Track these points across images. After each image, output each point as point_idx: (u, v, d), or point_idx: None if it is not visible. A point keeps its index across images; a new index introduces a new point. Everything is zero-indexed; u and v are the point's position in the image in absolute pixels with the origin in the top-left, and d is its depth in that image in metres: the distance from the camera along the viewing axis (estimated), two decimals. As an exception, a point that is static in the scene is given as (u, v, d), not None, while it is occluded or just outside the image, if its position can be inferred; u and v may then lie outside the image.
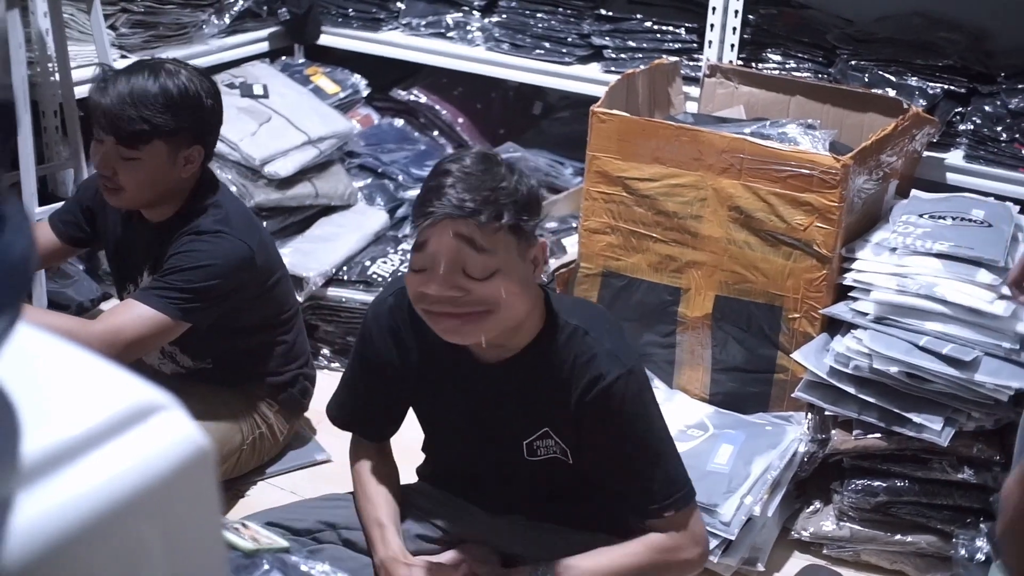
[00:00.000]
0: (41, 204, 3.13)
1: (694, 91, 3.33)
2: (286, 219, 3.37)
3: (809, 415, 2.67)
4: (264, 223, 3.26)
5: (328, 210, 3.49)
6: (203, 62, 3.72)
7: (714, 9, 3.34)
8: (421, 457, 2.31)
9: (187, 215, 2.51)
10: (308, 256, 3.23)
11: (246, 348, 2.68)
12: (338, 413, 2.25)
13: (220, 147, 3.30)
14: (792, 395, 2.64)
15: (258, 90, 3.53)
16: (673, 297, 2.81)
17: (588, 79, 3.57)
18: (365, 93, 3.98)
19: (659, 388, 2.86)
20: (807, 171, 2.56)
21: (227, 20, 3.91)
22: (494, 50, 3.75)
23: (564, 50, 3.64)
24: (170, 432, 0.78)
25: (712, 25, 3.36)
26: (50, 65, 3.35)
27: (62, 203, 2.91)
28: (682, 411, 2.77)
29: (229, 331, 2.60)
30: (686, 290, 2.79)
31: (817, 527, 2.60)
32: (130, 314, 2.37)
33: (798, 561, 2.58)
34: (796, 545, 2.62)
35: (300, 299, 3.13)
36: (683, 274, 2.78)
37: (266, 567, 1.65)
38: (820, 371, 2.55)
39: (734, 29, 3.36)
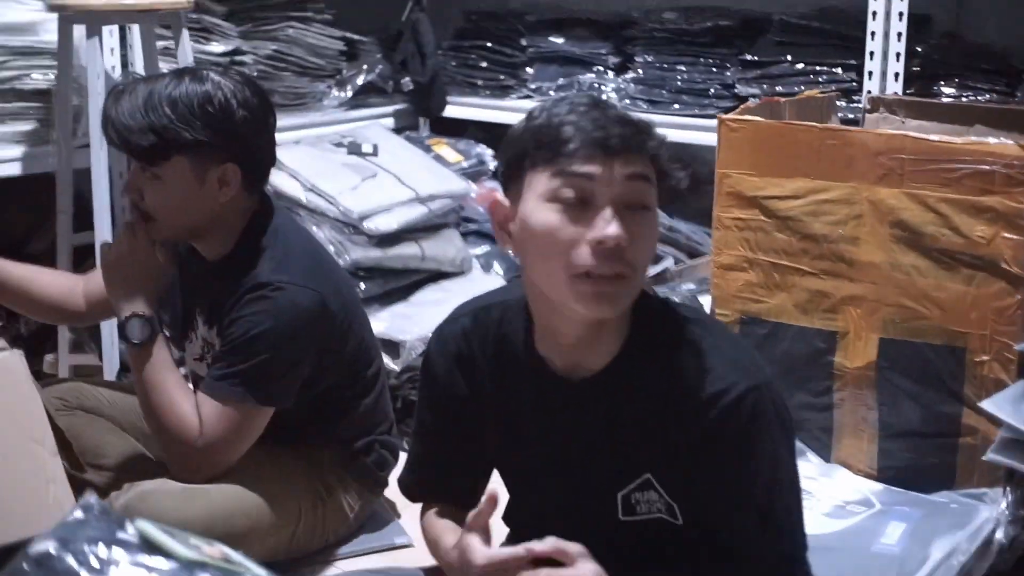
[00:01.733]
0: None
1: (855, 131, 2.85)
2: (388, 283, 3.00)
3: (1008, 489, 2.08)
4: (361, 284, 2.92)
5: (438, 277, 3.11)
6: (321, 132, 3.47)
7: (873, 34, 2.88)
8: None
9: (242, 253, 2.15)
10: (408, 320, 2.84)
11: (313, 406, 2.26)
12: (409, 479, 1.82)
13: (317, 202, 3.00)
14: (984, 458, 2.05)
15: (367, 148, 3.23)
16: (827, 344, 2.28)
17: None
18: (492, 165, 3.64)
19: (813, 463, 2.31)
20: (987, 167, 2.04)
21: (349, 93, 3.68)
22: (631, 109, 3.37)
23: (706, 102, 3.24)
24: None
25: (872, 53, 2.89)
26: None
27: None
28: (841, 488, 2.22)
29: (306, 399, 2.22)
30: (843, 334, 2.26)
31: (1024, 634, 1.98)
32: (210, 417, 2.05)
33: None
34: (997, 658, 1.99)
35: (396, 367, 2.74)
36: (838, 314, 2.26)
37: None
38: (1020, 424, 1.97)
39: (898, 55, 2.88)
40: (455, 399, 1.71)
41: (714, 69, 3.26)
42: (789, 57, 3.12)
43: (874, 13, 2.91)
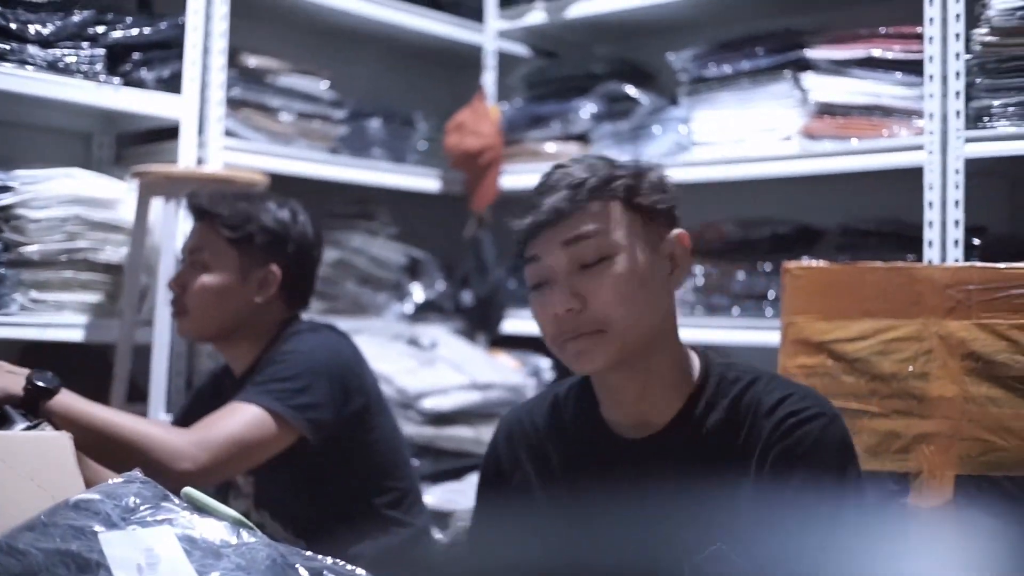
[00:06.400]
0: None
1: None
2: (439, 463, 2.94)
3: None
4: (414, 460, 2.86)
5: (491, 464, 3.04)
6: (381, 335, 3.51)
7: (931, 243, 2.88)
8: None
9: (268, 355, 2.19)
10: (459, 493, 2.78)
11: (347, 514, 2.18)
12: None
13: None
14: (1078, 596, 1.91)
15: (425, 342, 3.25)
16: (900, 486, 2.17)
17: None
18: (549, 377, 3.63)
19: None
20: (1060, 287, 2.02)
21: (409, 308, 3.73)
22: (690, 316, 3.38)
23: (766, 304, 3.24)
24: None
25: (931, 261, 2.88)
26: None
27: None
28: (924, 637, 2.05)
29: (327, 486, 2.15)
30: (916, 475, 2.16)
31: None
32: (227, 417, 1.98)
33: None
34: None
35: (444, 539, 2.64)
36: (911, 454, 2.17)
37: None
38: (1115, 554, 1.85)
39: (956, 260, 2.88)
40: (518, 486, 1.67)
41: (774, 274, 3.28)
42: (848, 258, 3.14)
43: (930, 223, 2.95)
